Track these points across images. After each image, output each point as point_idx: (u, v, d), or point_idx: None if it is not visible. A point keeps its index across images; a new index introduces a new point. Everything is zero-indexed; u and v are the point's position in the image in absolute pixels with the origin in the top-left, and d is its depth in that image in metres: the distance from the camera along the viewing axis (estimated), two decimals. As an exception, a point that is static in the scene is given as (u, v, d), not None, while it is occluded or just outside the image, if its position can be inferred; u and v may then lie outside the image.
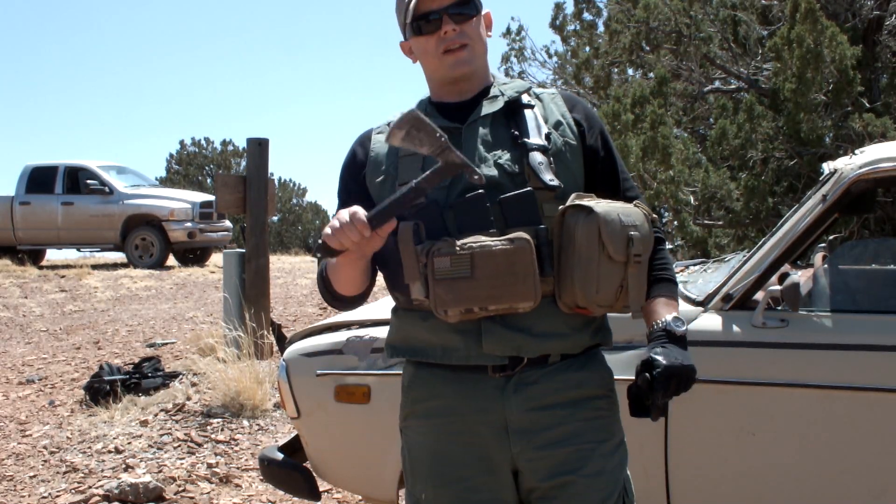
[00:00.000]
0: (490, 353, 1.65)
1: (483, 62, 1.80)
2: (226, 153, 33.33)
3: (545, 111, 1.76)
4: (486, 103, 1.75)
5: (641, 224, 1.66)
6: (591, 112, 1.82)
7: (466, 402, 1.69)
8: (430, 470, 1.74)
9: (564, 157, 1.71)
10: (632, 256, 1.62)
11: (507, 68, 14.85)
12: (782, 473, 2.47)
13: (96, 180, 13.28)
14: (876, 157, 2.50)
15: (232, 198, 6.33)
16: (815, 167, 7.99)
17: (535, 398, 1.67)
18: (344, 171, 1.86)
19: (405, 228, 1.62)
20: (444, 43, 1.72)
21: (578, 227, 1.60)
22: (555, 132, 1.73)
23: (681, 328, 1.69)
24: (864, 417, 2.39)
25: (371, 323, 2.96)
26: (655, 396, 1.62)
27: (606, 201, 1.66)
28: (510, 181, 1.66)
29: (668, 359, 1.62)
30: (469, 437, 1.69)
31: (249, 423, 4.97)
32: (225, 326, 5.99)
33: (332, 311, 8.20)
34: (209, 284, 10.80)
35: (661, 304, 1.74)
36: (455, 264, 1.58)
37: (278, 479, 3.01)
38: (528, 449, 1.67)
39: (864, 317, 2.49)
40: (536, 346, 1.66)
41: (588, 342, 1.73)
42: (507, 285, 1.57)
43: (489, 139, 1.71)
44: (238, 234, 19.71)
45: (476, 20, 1.76)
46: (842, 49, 7.86)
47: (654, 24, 9.99)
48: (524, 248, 1.57)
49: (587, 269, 1.59)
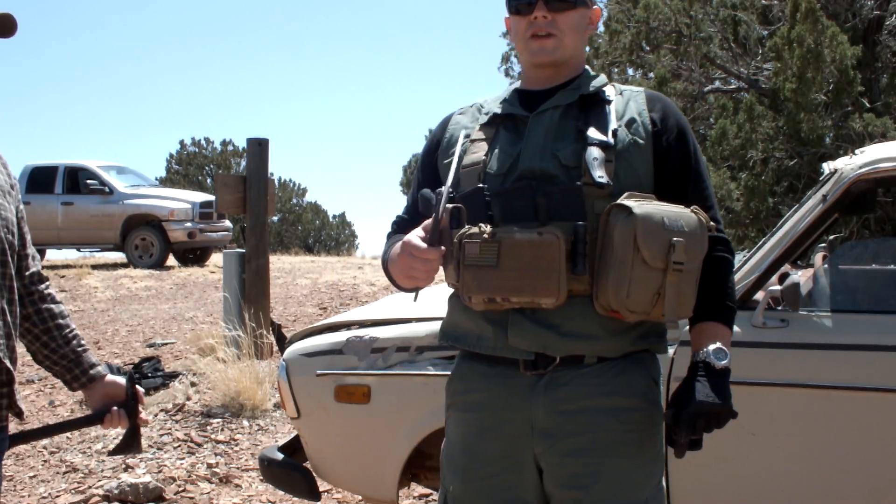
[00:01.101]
0: (515, 346, 1.63)
1: (573, 55, 1.76)
2: (226, 153, 33.31)
3: (622, 107, 1.72)
4: (561, 93, 1.74)
5: (692, 231, 1.57)
6: (672, 113, 1.75)
7: (497, 397, 1.68)
8: (459, 463, 1.73)
9: (629, 155, 1.66)
10: (671, 263, 1.53)
11: (508, 68, 14.86)
12: (782, 473, 2.47)
13: (96, 180, 13.27)
14: (876, 157, 2.50)
15: (232, 198, 6.33)
16: (815, 167, 7.99)
17: (564, 400, 1.64)
18: (423, 150, 1.89)
19: (444, 210, 1.61)
20: (533, 27, 1.72)
21: (616, 228, 1.54)
22: (625, 129, 1.68)
23: (721, 361, 1.62)
24: (864, 417, 2.39)
25: (371, 323, 2.96)
26: (679, 435, 1.59)
27: (657, 203, 1.58)
28: (565, 174, 1.63)
29: (698, 396, 1.58)
30: (497, 433, 1.68)
31: (249, 423, 4.97)
32: (225, 326, 5.99)
33: (332, 312, 8.19)
34: (209, 284, 10.80)
35: (708, 329, 1.68)
36: (483, 252, 1.57)
37: (278, 479, 3.01)
38: (550, 452, 1.65)
39: (864, 317, 2.49)
40: (564, 345, 1.62)
41: (628, 348, 1.66)
42: (530, 278, 1.55)
43: (554, 130, 1.69)
44: (238, 234, 19.73)
45: (575, 14, 1.73)
46: (842, 49, 7.86)
47: (654, 24, 9.99)
48: (551, 242, 1.54)
49: (620, 272, 1.54)
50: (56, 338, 1.89)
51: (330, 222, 34.56)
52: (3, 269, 1.73)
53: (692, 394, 1.59)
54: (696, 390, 1.60)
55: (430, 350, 2.72)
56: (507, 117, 1.76)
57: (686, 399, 1.60)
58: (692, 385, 1.61)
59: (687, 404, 1.59)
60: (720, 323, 1.69)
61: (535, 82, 1.79)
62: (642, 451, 1.67)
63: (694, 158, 1.74)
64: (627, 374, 1.66)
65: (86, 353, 1.94)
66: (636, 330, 1.66)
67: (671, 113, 1.75)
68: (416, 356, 2.74)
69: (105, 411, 1.92)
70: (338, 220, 34.89)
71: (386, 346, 2.78)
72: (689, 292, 1.60)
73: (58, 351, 1.89)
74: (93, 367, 1.93)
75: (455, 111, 1.88)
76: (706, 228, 1.60)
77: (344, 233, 34.77)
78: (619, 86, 1.81)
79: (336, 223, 34.77)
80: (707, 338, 1.67)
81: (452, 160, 1.72)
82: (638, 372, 1.68)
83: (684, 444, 1.60)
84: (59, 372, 1.92)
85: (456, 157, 1.72)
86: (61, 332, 1.90)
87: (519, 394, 1.66)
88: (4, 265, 1.73)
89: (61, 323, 1.91)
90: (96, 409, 1.94)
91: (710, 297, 1.68)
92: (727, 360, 1.64)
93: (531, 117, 1.71)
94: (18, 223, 1.83)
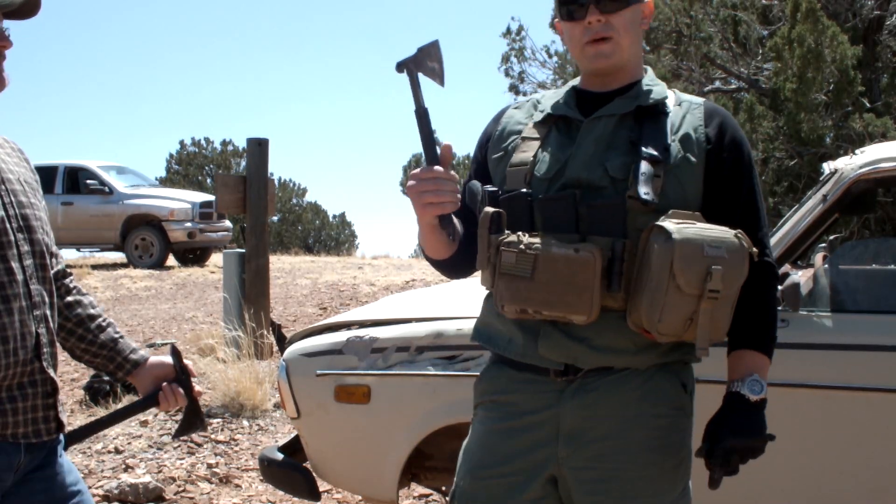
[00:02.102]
0: (545, 356, 1.63)
1: (631, 55, 1.71)
2: (226, 153, 33.31)
3: (678, 121, 1.67)
4: (618, 101, 1.69)
5: (732, 258, 1.51)
6: (729, 131, 1.68)
7: (526, 400, 1.67)
8: (474, 459, 1.73)
9: (680, 172, 1.61)
10: (707, 291, 1.49)
11: (508, 68, 14.86)
12: (782, 473, 2.47)
13: (96, 180, 13.27)
14: (876, 157, 2.50)
15: (232, 198, 6.33)
16: (815, 167, 7.99)
17: (593, 405, 1.62)
18: (477, 144, 1.86)
19: (485, 215, 1.60)
20: (589, 34, 1.67)
21: (654, 250, 1.51)
22: (678, 145, 1.63)
23: (757, 394, 1.61)
24: (864, 417, 2.39)
25: (371, 323, 2.96)
26: (714, 471, 1.60)
27: (700, 226, 1.53)
28: (612, 186, 1.60)
29: (731, 433, 1.59)
30: (522, 435, 1.67)
31: (249, 423, 4.97)
32: (225, 326, 5.99)
33: (332, 312, 8.19)
34: (209, 284, 10.80)
35: (745, 358, 1.65)
36: (519, 262, 1.55)
37: (278, 479, 3.01)
38: (574, 457, 1.63)
39: (864, 317, 2.49)
40: (595, 358, 1.61)
41: (657, 360, 1.64)
42: (563, 294, 1.53)
43: (606, 140, 1.65)
44: (238, 234, 19.72)
45: (629, 11, 1.67)
46: (842, 49, 7.86)
47: (654, 24, 9.99)
48: (588, 260, 1.52)
49: (654, 296, 1.51)
50: (91, 329, 1.82)
51: (330, 222, 34.56)
52: (44, 274, 1.66)
53: (725, 430, 1.60)
54: (729, 426, 1.60)
55: (429, 350, 2.72)
56: (560, 118, 1.71)
57: (719, 435, 1.60)
58: (725, 420, 1.61)
59: (720, 440, 1.59)
60: (758, 352, 1.67)
61: (592, 86, 1.74)
62: (667, 457, 1.66)
63: (748, 179, 1.68)
64: (655, 380, 1.65)
65: (123, 340, 1.85)
66: (666, 345, 1.63)
67: (728, 130, 1.68)
68: (416, 356, 2.74)
69: (157, 391, 1.83)
70: (338, 220, 34.90)
71: (386, 346, 2.78)
72: (724, 318, 1.56)
73: (95, 342, 1.82)
74: (134, 351, 1.85)
75: (510, 104, 1.85)
76: (748, 255, 1.54)
77: (344, 233, 34.77)
78: (680, 95, 1.75)
79: (336, 223, 34.78)
80: (743, 367, 1.65)
81: (504, 157, 1.72)
82: (667, 379, 1.66)
83: (718, 479, 1.61)
84: (101, 364, 1.84)
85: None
86: (94, 323, 1.83)
87: (547, 398, 1.65)
88: (44, 269, 1.66)
89: (93, 313, 1.84)
90: (148, 392, 1.85)
91: (749, 323, 1.65)
92: (763, 391, 1.62)
93: (585, 123, 1.67)
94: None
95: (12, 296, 1.57)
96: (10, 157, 1.70)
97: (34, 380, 1.61)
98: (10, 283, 1.57)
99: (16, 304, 1.57)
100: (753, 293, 1.63)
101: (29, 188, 1.69)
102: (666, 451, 1.65)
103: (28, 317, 1.59)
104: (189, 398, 1.86)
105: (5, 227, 1.58)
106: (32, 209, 1.67)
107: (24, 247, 1.61)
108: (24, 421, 1.60)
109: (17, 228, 1.61)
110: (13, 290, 1.57)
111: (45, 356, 1.63)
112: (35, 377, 1.62)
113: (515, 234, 1.59)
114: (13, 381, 1.58)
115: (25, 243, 1.62)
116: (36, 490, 1.64)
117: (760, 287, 1.66)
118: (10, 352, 1.55)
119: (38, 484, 1.65)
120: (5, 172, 1.64)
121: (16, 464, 1.60)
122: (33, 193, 1.70)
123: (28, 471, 1.64)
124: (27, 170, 1.73)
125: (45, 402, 1.64)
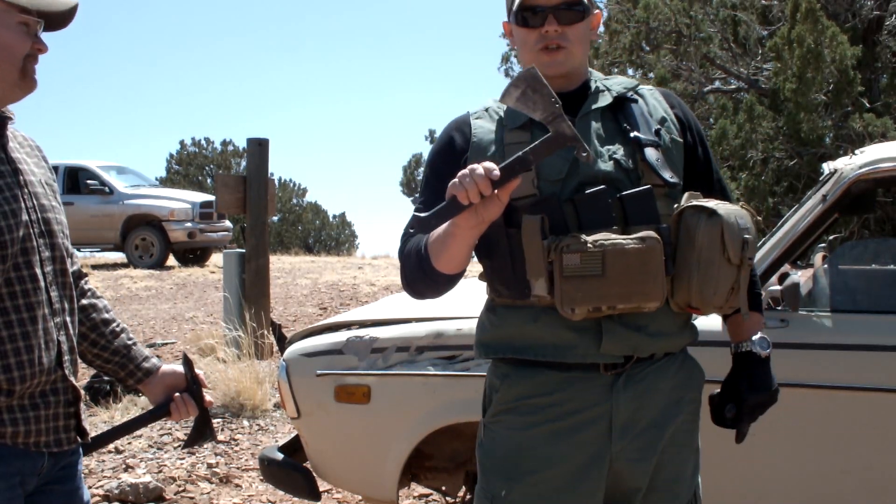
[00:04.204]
0: (608, 352, 1.63)
1: (580, 62, 1.75)
2: (226, 153, 33.31)
3: (649, 106, 1.74)
4: (593, 97, 1.73)
5: (751, 227, 1.64)
6: (687, 109, 1.82)
7: (570, 399, 1.65)
8: (513, 467, 1.69)
9: (671, 153, 1.70)
10: (745, 259, 1.60)
11: (507, 68, 14.86)
12: (782, 473, 2.47)
13: (96, 180, 13.27)
14: (876, 157, 2.50)
15: (232, 198, 6.34)
16: (815, 167, 7.99)
17: (643, 394, 1.67)
18: (436, 157, 1.77)
19: (530, 222, 1.58)
20: (543, 41, 1.70)
21: (700, 229, 1.58)
22: (662, 128, 1.71)
23: (766, 350, 1.75)
24: (864, 417, 2.39)
25: (371, 323, 2.96)
26: (742, 426, 1.72)
27: (719, 202, 1.64)
28: (626, 177, 1.64)
29: (753, 390, 1.72)
30: (575, 435, 1.65)
31: (249, 423, 4.98)
32: (225, 326, 6.00)
33: (332, 312, 8.19)
34: (209, 284, 10.80)
35: (746, 319, 1.75)
36: (585, 262, 1.55)
37: (278, 479, 3.01)
38: (629, 449, 1.66)
39: (864, 317, 2.49)
40: (650, 345, 1.66)
41: (688, 339, 1.75)
42: (639, 284, 1.56)
43: (602, 133, 1.69)
44: (238, 234, 19.71)
45: (583, 24, 1.72)
46: (842, 49, 7.87)
47: (654, 24, 9.99)
48: (655, 248, 1.56)
49: (707, 272, 1.58)
50: (105, 334, 1.79)
51: (330, 222, 34.56)
52: (64, 280, 1.64)
53: (745, 387, 1.73)
54: (748, 383, 1.73)
55: (429, 350, 2.72)
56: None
57: (742, 393, 1.72)
58: (742, 378, 1.74)
59: (746, 397, 1.72)
60: (755, 311, 1.78)
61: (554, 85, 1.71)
62: (693, 439, 1.79)
63: (710, 150, 1.81)
64: (687, 366, 1.76)
65: (136, 347, 1.82)
66: (690, 323, 1.75)
67: (686, 109, 1.81)
68: (416, 356, 2.74)
69: (169, 401, 1.80)
70: (338, 220, 34.89)
71: (386, 346, 2.78)
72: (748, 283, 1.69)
73: (108, 348, 1.78)
74: (146, 359, 1.82)
75: (468, 115, 1.79)
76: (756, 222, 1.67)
77: (344, 233, 34.77)
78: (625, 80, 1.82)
79: (336, 223, 34.77)
80: (747, 328, 1.77)
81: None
82: (693, 364, 1.79)
83: (745, 433, 1.75)
84: (112, 370, 1.80)
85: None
86: (108, 328, 1.80)
87: (596, 395, 1.65)
88: (64, 274, 1.65)
89: (107, 318, 1.81)
90: (159, 402, 1.82)
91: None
92: (769, 347, 1.75)
93: (577, 120, 1.68)
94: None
95: (36, 303, 1.55)
96: (31, 158, 1.67)
97: (56, 388, 1.60)
98: (35, 290, 1.55)
99: (39, 311, 1.56)
100: None
101: (49, 190, 1.67)
102: (693, 434, 1.77)
103: (50, 324, 1.58)
104: (200, 408, 1.84)
105: (30, 232, 1.56)
106: (53, 213, 1.65)
107: (45, 252, 1.60)
108: (46, 430, 1.58)
109: (38, 234, 1.59)
110: (37, 298, 1.55)
111: (66, 364, 1.61)
112: (57, 385, 1.60)
113: (570, 235, 1.57)
114: (36, 388, 1.56)
115: (46, 249, 1.60)
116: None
117: None
118: (35, 360, 1.53)
119: (57, 498, 1.64)
120: (28, 175, 1.62)
121: (39, 467, 1.59)
122: (53, 196, 1.68)
123: (50, 479, 1.63)
124: (46, 170, 1.71)
125: (67, 411, 1.62)
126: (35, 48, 1.57)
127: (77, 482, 1.69)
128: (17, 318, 1.52)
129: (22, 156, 1.64)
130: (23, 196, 1.57)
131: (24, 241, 1.54)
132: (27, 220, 1.56)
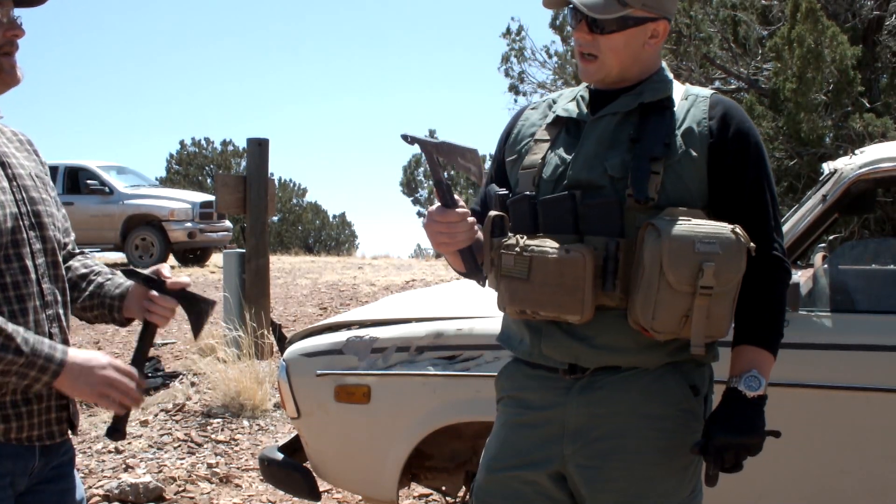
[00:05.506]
0: (549, 355, 1.65)
1: (627, 66, 1.66)
2: (226, 153, 33.28)
3: (682, 115, 1.64)
4: (622, 98, 1.67)
5: (727, 254, 1.49)
6: (734, 120, 1.63)
7: (537, 397, 1.70)
8: (490, 455, 1.76)
9: (681, 167, 1.59)
10: (698, 288, 1.47)
11: (507, 68, 14.86)
12: (782, 473, 2.47)
13: (96, 180, 13.26)
14: (876, 157, 2.50)
15: (232, 198, 6.33)
16: (815, 167, 7.99)
17: (599, 403, 1.63)
18: (497, 143, 1.87)
19: (487, 219, 1.64)
20: (579, 46, 1.68)
21: (647, 247, 1.51)
22: (680, 140, 1.60)
23: (754, 390, 1.58)
24: (864, 417, 2.39)
25: (371, 323, 2.96)
26: (708, 467, 1.58)
27: (695, 222, 1.51)
28: (611, 185, 1.60)
29: (726, 430, 1.56)
30: (533, 430, 1.69)
31: (249, 423, 4.97)
32: (225, 326, 5.99)
33: (332, 312, 8.19)
34: (209, 284, 10.79)
35: (747, 354, 1.62)
36: (517, 264, 1.59)
37: (278, 479, 3.01)
38: (579, 454, 1.64)
39: (864, 317, 2.50)
40: (596, 357, 1.62)
41: (665, 359, 1.63)
42: (555, 294, 1.55)
43: (607, 138, 1.65)
44: (238, 234, 19.71)
45: (621, 36, 1.62)
46: (842, 49, 7.86)
47: (654, 24, 9.97)
48: (576, 261, 1.53)
49: (646, 293, 1.51)
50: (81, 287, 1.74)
51: (330, 222, 34.54)
52: (57, 272, 1.64)
53: (718, 426, 1.57)
54: (722, 423, 1.58)
55: (430, 350, 2.73)
56: (569, 119, 1.72)
57: (712, 431, 1.58)
58: (720, 416, 1.59)
59: (715, 435, 1.57)
60: (761, 347, 1.63)
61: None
62: (674, 458, 1.64)
63: (753, 171, 1.63)
64: (664, 381, 1.64)
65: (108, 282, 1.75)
66: (672, 344, 1.61)
67: (733, 122, 1.63)
68: (416, 356, 2.74)
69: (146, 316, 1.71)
70: (338, 220, 34.87)
71: (386, 346, 2.79)
72: (722, 314, 1.54)
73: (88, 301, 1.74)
74: (118, 286, 1.73)
75: (528, 104, 1.87)
76: (745, 250, 1.51)
77: (344, 233, 34.75)
78: (690, 88, 1.71)
79: (336, 223, 34.75)
80: (743, 363, 1.62)
81: (517, 160, 1.75)
82: (675, 380, 1.65)
83: (714, 476, 1.58)
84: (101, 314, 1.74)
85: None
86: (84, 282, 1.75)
87: (556, 395, 1.67)
88: (56, 266, 1.64)
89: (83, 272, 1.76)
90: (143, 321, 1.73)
91: (752, 319, 1.64)
92: (761, 388, 1.59)
93: (588, 123, 1.68)
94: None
95: (27, 295, 1.55)
96: (20, 152, 1.67)
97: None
98: (25, 282, 1.55)
99: (30, 303, 1.56)
100: (758, 288, 1.61)
101: (40, 182, 1.67)
102: (672, 452, 1.64)
103: (41, 316, 1.58)
104: (174, 295, 1.72)
105: (19, 224, 1.56)
106: (44, 205, 1.65)
107: (35, 245, 1.60)
108: (39, 423, 1.59)
109: (29, 226, 1.59)
110: (28, 290, 1.56)
111: None
112: None
113: (514, 236, 1.62)
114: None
115: (38, 241, 1.60)
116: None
117: (766, 282, 1.63)
118: None
119: (49, 498, 1.64)
120: (16, 168, 1.62)
121: (30, 467, 1.59)
122: (44, 188, 1.67)
123: (41, 479, 1.62)
124: (37, 163, 1.70)
125: (59, 404, 1.63)
126: (10, 35, 1.53)
127: (69, 482, 1.69)
128: (8, 311, 1.52)
129: (10, 150, 1.64)
130: (11, 189, 1.58)
131: (13, 233, 1.54)
132: (16, 213, 1.56)
